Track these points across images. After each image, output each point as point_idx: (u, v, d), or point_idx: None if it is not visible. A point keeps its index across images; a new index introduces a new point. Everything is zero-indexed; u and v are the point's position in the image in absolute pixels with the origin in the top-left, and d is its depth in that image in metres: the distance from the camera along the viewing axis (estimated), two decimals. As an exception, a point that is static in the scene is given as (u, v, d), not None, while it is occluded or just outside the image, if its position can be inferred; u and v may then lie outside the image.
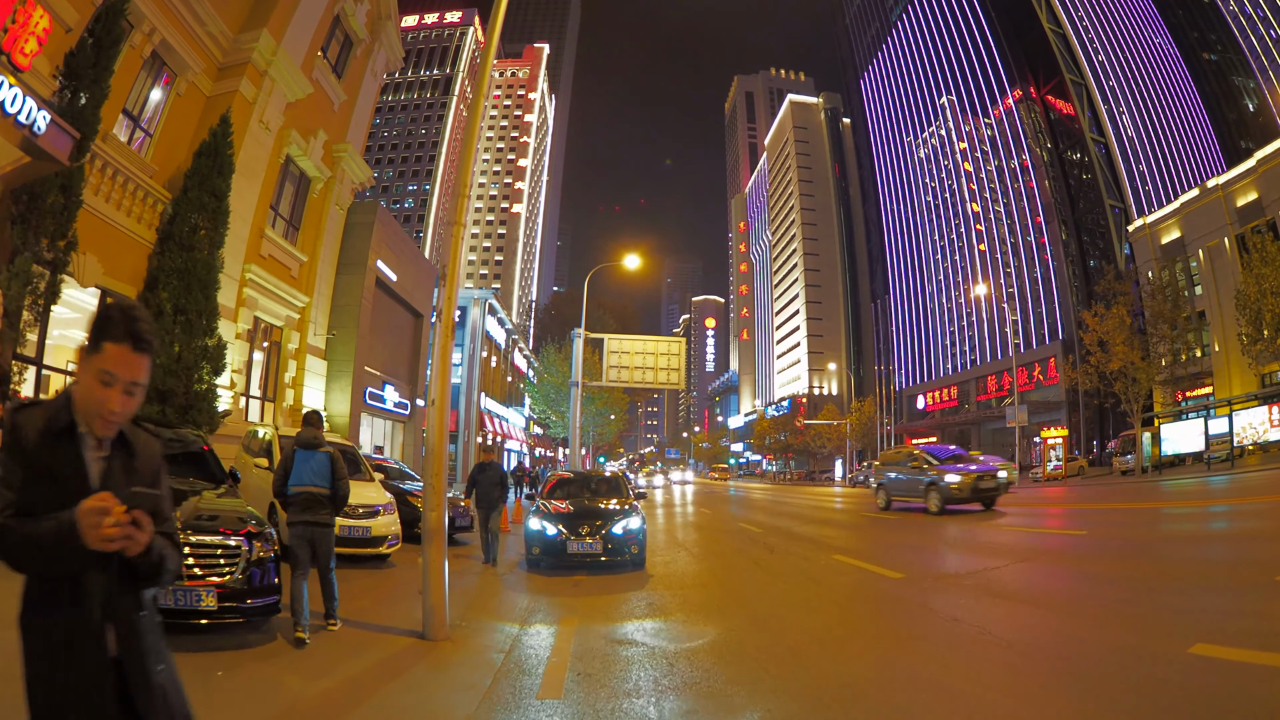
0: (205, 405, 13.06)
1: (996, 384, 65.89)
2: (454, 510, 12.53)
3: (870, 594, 8.13)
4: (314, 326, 19.60)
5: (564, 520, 9.73)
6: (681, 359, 30.83)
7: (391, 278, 22.67)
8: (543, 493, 11.44)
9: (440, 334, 6.33)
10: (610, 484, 12.03)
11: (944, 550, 11.63)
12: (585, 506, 10.40)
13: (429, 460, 6.19)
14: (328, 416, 19.79)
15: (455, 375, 33.44)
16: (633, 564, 9.84)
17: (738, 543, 13.77)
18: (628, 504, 10.49)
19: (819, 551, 11.77)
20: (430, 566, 6.04)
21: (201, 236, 14.24)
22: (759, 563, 10.85)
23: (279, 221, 19.29)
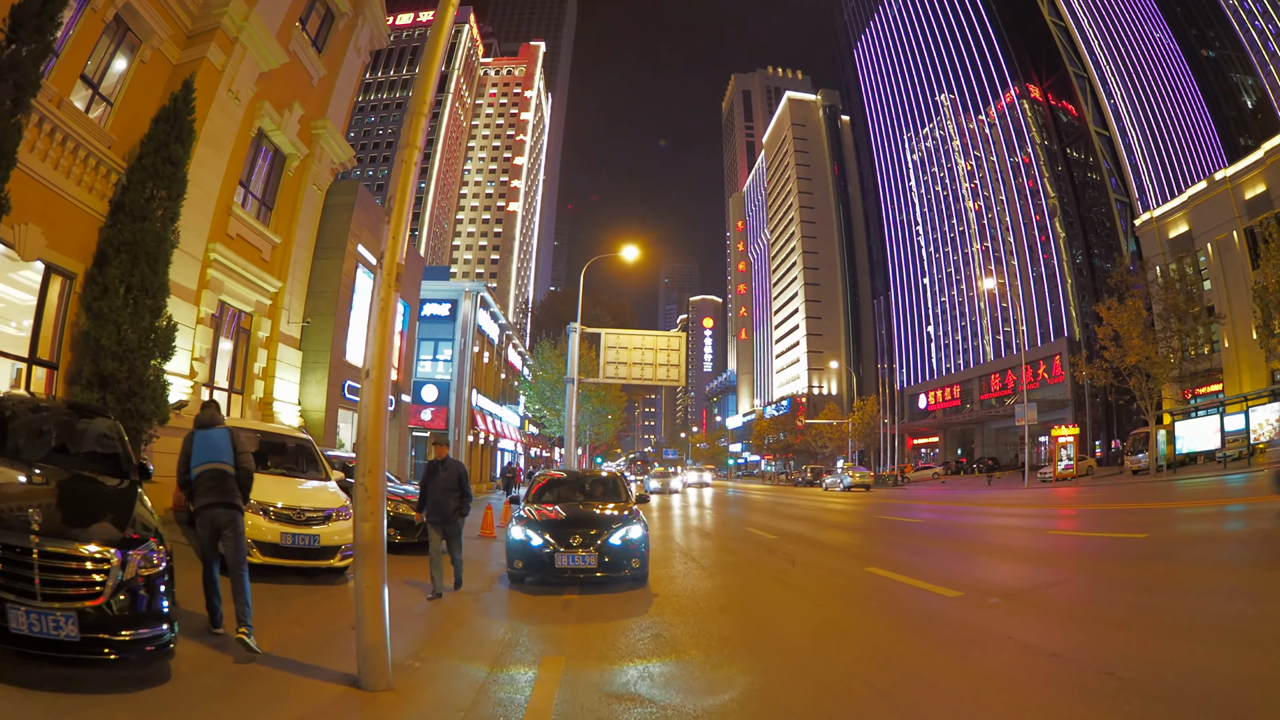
0: (153, 393, 11.67)
1: (1000, 382, 64.82)
2: None
3: (931, 620, 6.41)
4: (287, 314, 18.22)
5: (552, 528, 8.28)
6: (682, 354, 29.54)
7: (373, 263, 21.26)
8: (529, 496, 9.93)
9: (381, 286, 4.97)
10: (607, 486, 10.49)
11: (988, 559, 10.31)
12: (578, 512, 9.01)
13: (362, 450, 4.81)
14: (302, 411, 18.46)
15: (444, 370, 32.06)
16: (633, 580, 8.50)
17: (751, 552, 12.26)
18: (627, 509, 9.07)
19: (848, 562, 10.45)
20: (364, 594, 4.60)
21: (154, 206, 12.86)
22: (782, 578, 9.35)
23: (250, 200, 17.92)
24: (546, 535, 8.09)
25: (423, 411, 31.13)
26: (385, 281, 4.88)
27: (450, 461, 8.36)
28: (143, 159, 13.16)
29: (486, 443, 37.83)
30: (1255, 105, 66.65)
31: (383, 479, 4.73)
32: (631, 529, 8.36)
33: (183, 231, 14.67)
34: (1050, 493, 27.78)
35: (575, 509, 9.13)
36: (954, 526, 15.35)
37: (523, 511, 8.95)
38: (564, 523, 8.50)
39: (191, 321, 14.90)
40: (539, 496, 9.95)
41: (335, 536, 8.25)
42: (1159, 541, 10.42)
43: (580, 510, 9.09)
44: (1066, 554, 10.07)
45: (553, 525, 8.37)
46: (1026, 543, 11.63)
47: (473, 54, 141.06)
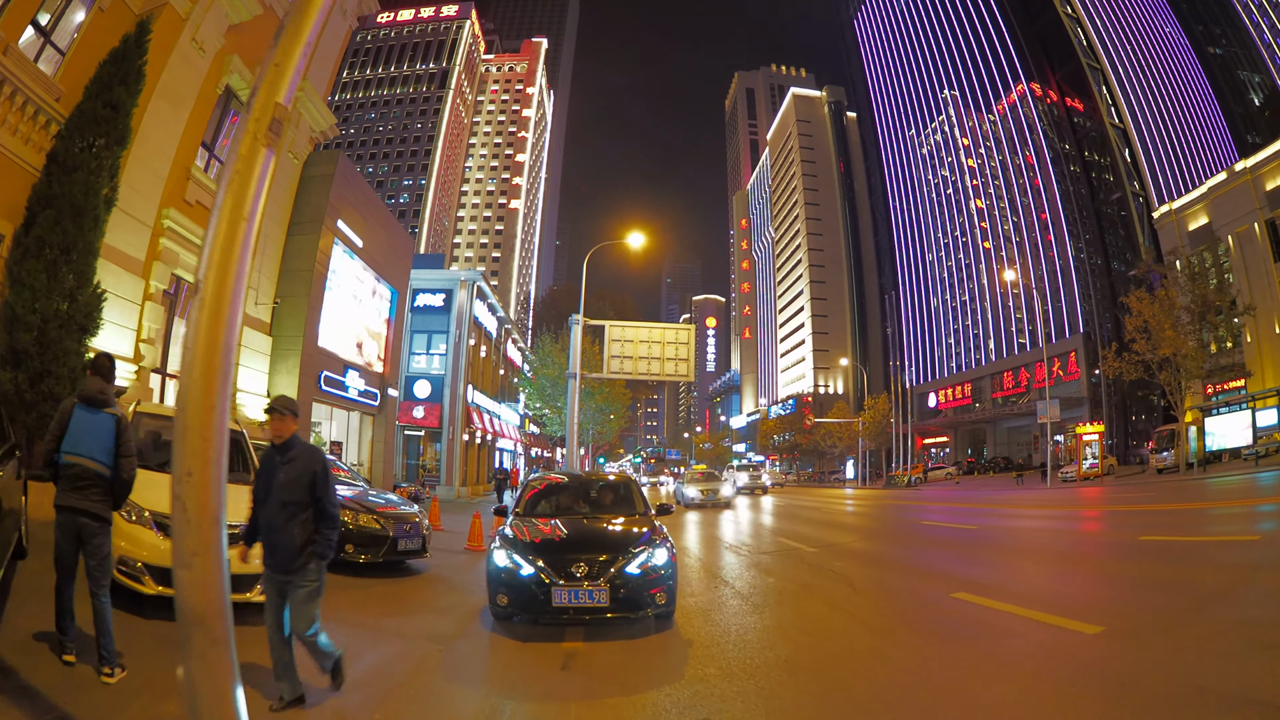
0: (72, 374, 9.87)
1: (1013, 380, 63.02)
2: (398, 528, 9.16)
3: (1107, 684, 4.29)
4: (254, 294, 16.44)
5: (548, 552, 6.11)
6: (691, 348, 27.82)
7: (356, 242, 19.52)
8: (518, 506, 7.56)
9: (244, 136, 3.06)
10: (618, 493, 8.10)
11: (1091, 575, 8.41)
12: (582, 529, 6.83)
13: (180, 429, 2.69)
14: (271, 402, 16.60)
15: (439, 365, 30.19)
16: (657, 622, 6.46)
17: (794, 569, 9.88)
18: (646, 525, 6.84)
19: (923, 583, 8.42)
20: (197, 698, 2.57)
21: (89, 157, 11.05)
22: (851, 611, 7.09)
23: (215, 165, 16.14)
24: (540, 562, 5.94)
25: (415, 408, 29.30)
26: (251, 130, 3.02)
27: (298, 449, 4.48)
28: (83, 104, 11.41)
29: (484, 442, 35.96)
30: (1264, 101, 65.84)
31: (216, 486, 2.69)
32: (655, 553, 6.18)
33: (129, 192, 13.00)
34: (1078, 493, 26.09)
35: (579, 525, 6.97)
36: (1017, 533, 13.47)
37: (509, 528, 6.74)
38: (564, 544, 6.37)
39: (138, 296, 13.18)
40: (532, 507, 7.61)
41: (252, 561, 6.25)
42: (1272, 543, 8.90)
43: (585, 526, 6.92)
44: (1180, 562, 8.25)
45: (549, 548, 6.21)
46: (1119, 551, 9.85)
47: (474, 50, 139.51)
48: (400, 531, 9.10)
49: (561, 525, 6.90)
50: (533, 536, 6.44)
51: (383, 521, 9.04)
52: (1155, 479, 30.24)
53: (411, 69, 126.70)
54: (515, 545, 6.21)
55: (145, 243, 13.41)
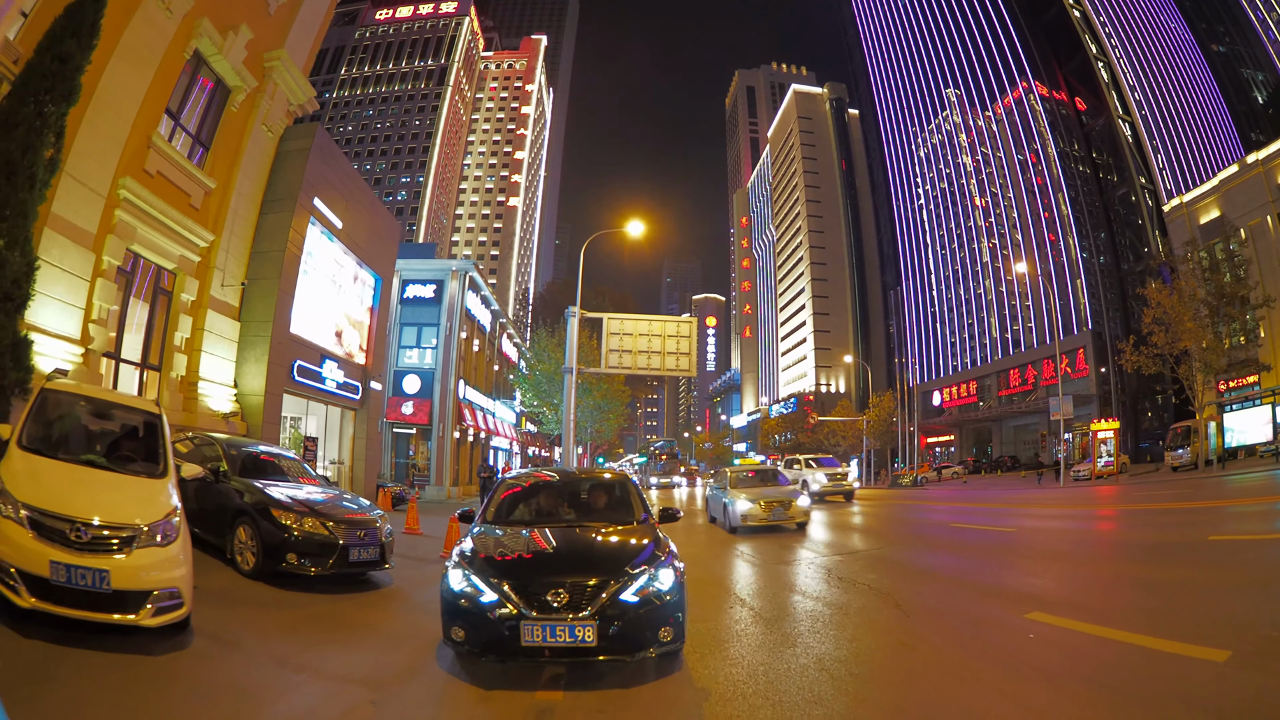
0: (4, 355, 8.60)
1: (1019, 378, 61.80)
2: (350, 535, 7.76)
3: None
4: (221, 275, 15.14)
5: (517, 573, 4.69)
6: (693, 341, 26.45)
7: (335, 223, 18.20)
8: (488, 511, 6.02)
9: None
10: (612, 494, 6.52)
11: (1196, 579, 7.05)
12: (564, 542, 5.28)
13: None
14: (238, 395, 15.34)
15: (428, 358, 28.84)
16: (660, 661, 4.99)
17: (821, 584, 8.27)
18: (647, 536, 5.34)
19: (983, 603, 6.89)
20: None
21: (32, 113, 9.75)
22: (911, 643, 5.48)
23: (180, 135, 14.97)
24: (506, 586, 4.48)
25: (404, 404, 27.99)
26: None
27: None
28: (31, 60, 10.15)
29: (476, 439, 34.54)
30: (1268, 99, 65.21)
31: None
32: (659, 574, 4.72)
33: (81, 158, 11.85)
34: (1096, 491, 24.89)
35: (561, 536, 5.39)
36: (1058, 535, 12.10)
37: (470, 540, 5.22)
38: (539, 562, 4.95)
39: (87, 272, 11.96)
40: (504, 513, 6.08)
41: (142, 574, 4.91)
42: None
43: (569, 539, 5.35)
44: (1272, 564, 6.97)
45: (519, 568, 4.80)
46: (1191, 555, 8.53)
47: (473, 47, 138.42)
48: (353, 539, 7.73)
49: (539, 537, 5.38)
50: (499, 552, 5.00)
51: (331, 527, 7.68)
52: (1171, 477, 29.14)
53: (410, 66, 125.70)
54: (475, 564, 4.76)
55: (98, 214, 12.25)
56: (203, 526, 8.55)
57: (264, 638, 5.69)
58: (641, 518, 6.00)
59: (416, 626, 6.21)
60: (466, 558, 4.89)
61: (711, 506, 17.99)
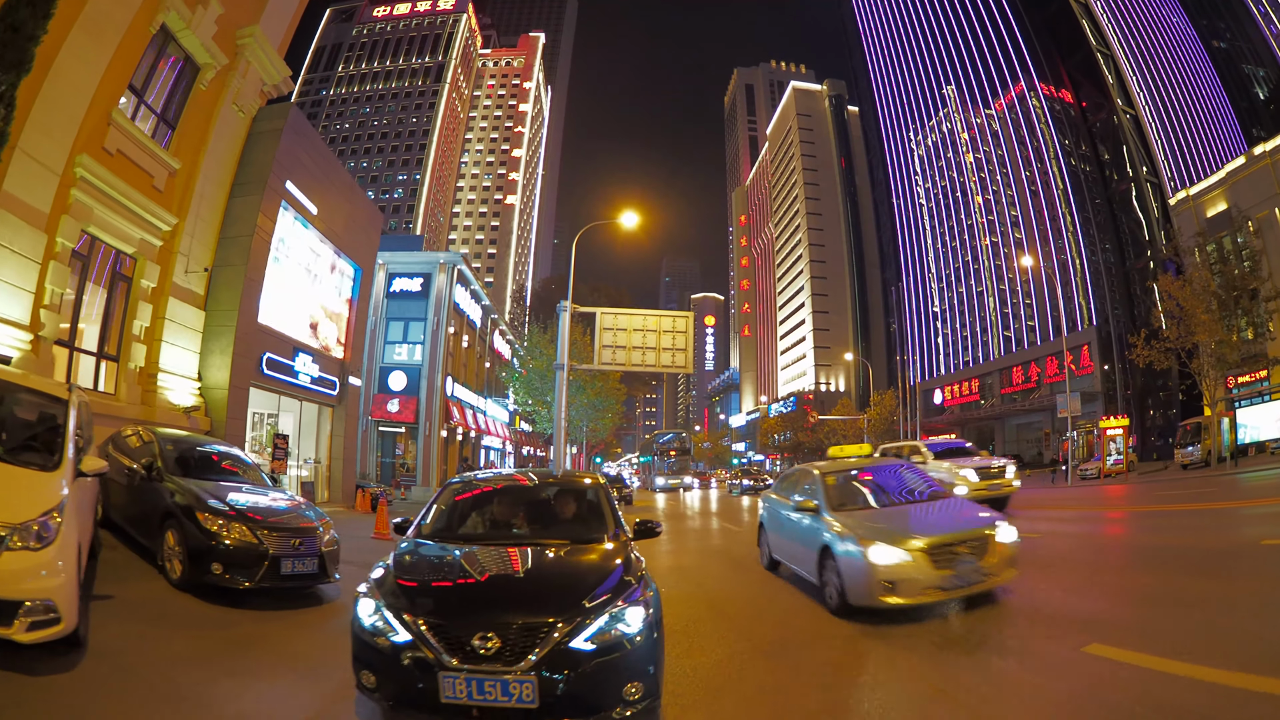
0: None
1: (1023, 375, 60.94)
2: (282, 545, 6.83)
3: None
4: (185, 260, 14.25)
5: (439, 608, 3.68)
6: (689, 337, 25.64)
7: (310, 209, 17.28)
8: (425, 521, 5.01)
9: None
10: (579, 504, 5.40)
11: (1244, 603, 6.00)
12: (507, 566, 4.21)
13: None
14: (203, 388, 14.44)
15: (414, 353, 27.91)
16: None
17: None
18: (616, 557, 4.34)
19: (1026, 626, 5.75)
20: None
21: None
22: (948, 691, 4.39)
23: (144, 113, 14.15)
24: (423, 625, 3.49)
25: (389, 402, 27.08)
26: None
27: None
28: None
29: (466, 438, 33.57)
30: (1269, 95, 64.70)
31: None
32: (625, 614, 3.66)
33: (35, 134, 11.13)
34: (1106, 491, 23.98)
35: (504, 557, 4.28)
36: (1085, 541, 10.90)
37: (392, 560, 4.23)
38: (468, 593, 3.88)
39: (39, 254, 11.19)
40: (445, 524, 5.00)
41: (9, 582, 4.01)
42: None
43: (514, 561, 4.23)
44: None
45: (442, 600, 3.75)
46: (1252, 563, 7.62)
47: (470, 45, 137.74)
48: (285, 549, 6.79)
49: (476, 558, 4.23)
50: (421, 578, 4.00)
51: (261, 535, 6.74)
52: (1182, 475, 28.32)
53: (407, 63, 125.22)
54: (389, 592, 3.76)
55: (51, 193, 11.48)
56: (137, 529, 7.73)
57: (168, 663, 4.82)
58: (612, 532, 4.88)
59: (348, 656, 5.22)
60: (380, 584, 3.89)
61: (777, 540, 9.37)
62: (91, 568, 6.71)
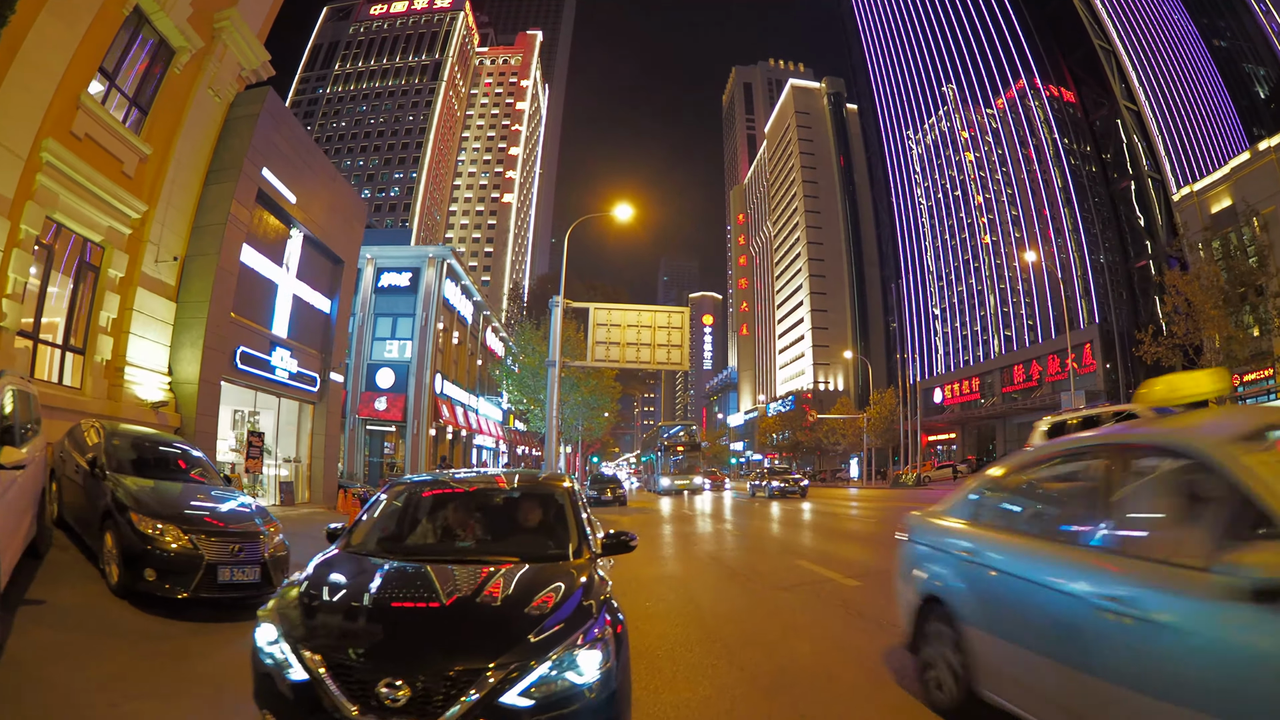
0: None
1: (1024, 374, 60.36)
2: (220, 551, 6.15)
3: None
4: (155, 249, 13.64)
5: (340, 644, 2.86)
6: (685, 333, 25.10)
7: (289, 198, 16.63)
8: (356, 530, 4.18)
9: None
10: (538, 511, 4.48)
11: None
12: (434, 591, 3.31)
13: None
14: (173, 383, 13.80)
15: (403, 350, 27.27)
16: None
17: (854, 634, 5.88)
18: (573, 584, 3.37)
19: None
20: None
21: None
22: None
23: (116, 98, 13.56)
24: (323, 668, 2.73)
25: (376, 400, 26.45)
26: None
27: None
28: None
29: (456, 437, 32.90)
30: (1270, 94, 64.38)
31: None
32: (578, 659, 2.87)
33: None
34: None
35: (435, 580, 3.43)
36: None
37: (305, 577, 3.46)
38: (382, 627, 3.03)
39: (0, 240, 10.57)
40: (378, 534, 4.15)
41: None
42: None
43: (447, 585, 3.39)
44: None
45: (349, 634, 2.96)
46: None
47: (468, 43, 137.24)
48: (223, 556, 6.12)
49: (402, 579, 3.44)
50: (332, 601, 3.21)
51: (196, 539, 6.08)
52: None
53: (404, 61, 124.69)
54: (292, 619, 3.02)
55: (15, 178, 10.94)
56: (84, 529, 7.18)
57: (80, 678, 4.35)
58: (575, 548, 3.98)
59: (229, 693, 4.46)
60: (285, 608, 3.12)
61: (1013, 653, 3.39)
62: (31, 570, 6.28)
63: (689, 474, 42.95)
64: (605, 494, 27.64)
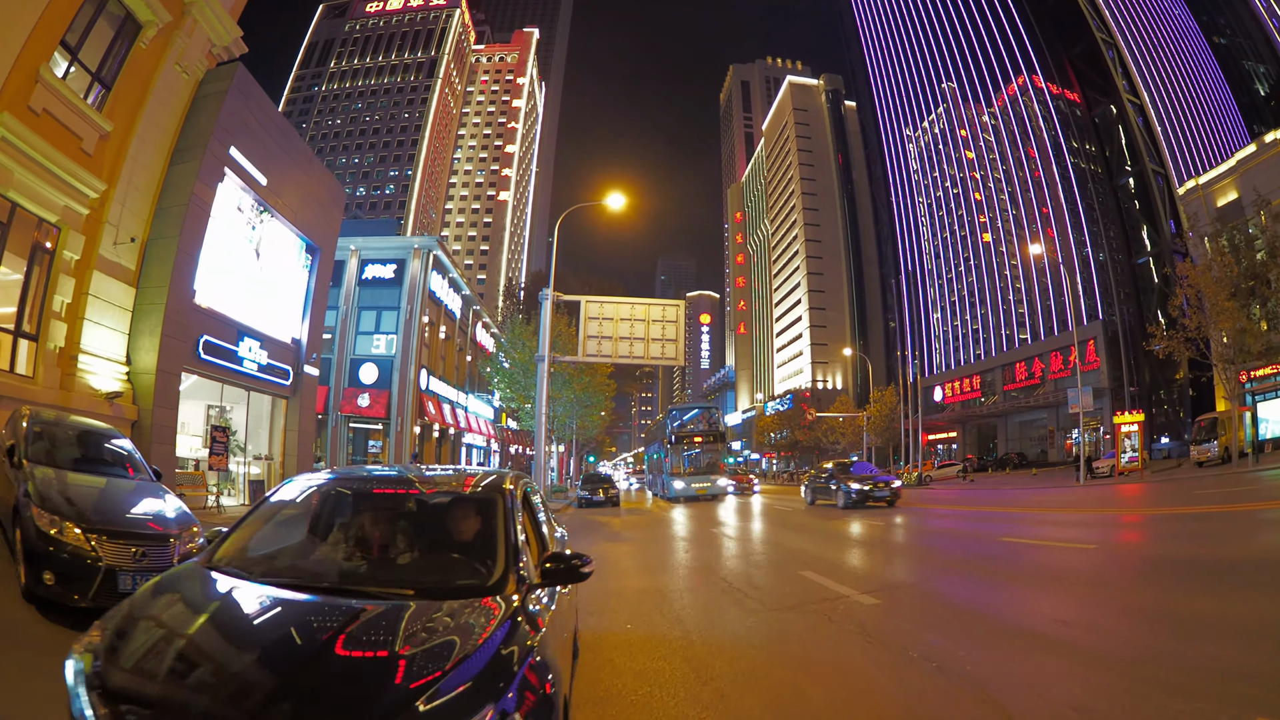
0: None
1: (1026, 371, 59.57)
2: (120, 555, 5.33)
3: None
4: (114, 231, 12.82)
5: (158, 704, 1.95)
6: (680, 327, 24.26)
7: (258, 179, 15.77)
8: (225, 542, 3.14)
9: None
10: (457, 524, 3.24)
11: None
12: (287, 637, 2.34)
13: None
14: (131, 373, 12.95)
15: (387, 345, 26.38)
16: None
17: (869, 665, 4.76)
18: (486, 625, 2.44)
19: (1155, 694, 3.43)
20: None
21: None
22: None
23: (77, 71, 12.83)
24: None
25: (359, 396, 25.54)
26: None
27: None
28: None
29: (444, 436, 31.96)
30: (1270, 91, 63.88)
31: None
32: None
33: None
34: (1123, 491, 22.60)
35: (294, 618, 2.44)
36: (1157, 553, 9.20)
37: (129, 607, 2.47)
38: (208, 684, 2.03)
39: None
40: (250, 548, 3.12)
41: None
42: None
43: (312, 623, 2.40)
44: None
45: (168, 690, 1.99)
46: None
47: (463, 40, 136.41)
48: (124, 561, 5.33)
49: (257, 615, 2.52)
50: (150, 644, 2.24)
51: (95, 541, 5.29)
52: (1198, 473, 27.04)
53: (399, 58, 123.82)
54: (102, 661, 2.13)
55: None
56: (7, 523, 6.43)
57: None
58: (500, 576, 2.87)
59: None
60: (100, 640, 2.27)
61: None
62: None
63: (710, 473, 33.40)
64: (598, 494, 26.60)
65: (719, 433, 36.18)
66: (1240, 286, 28.21)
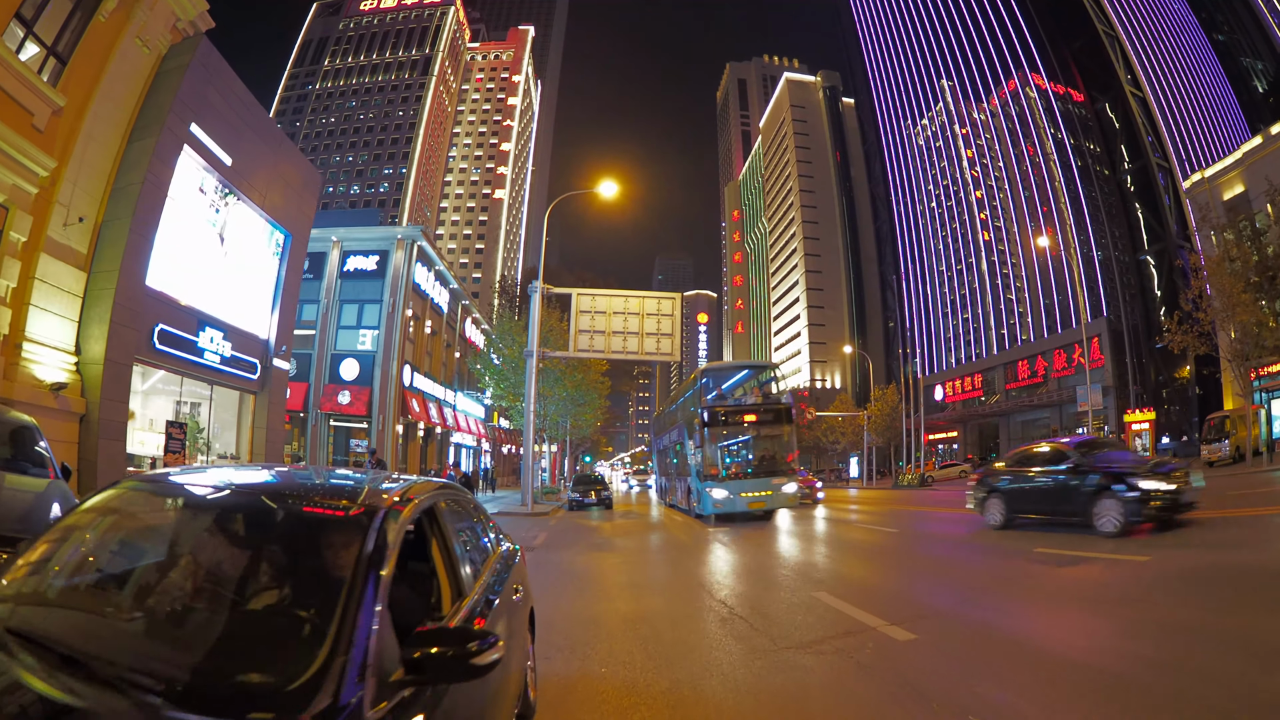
0: None
1: (1028, 370, 58.72)
2: None
3: None
4: (65, 212, 11.89)
5: None
6: (676, 322, 23.31)
7: (223, 159, 14.83)
8: (15, 561, 2.06)
9: None
10: (290, 558, 2.11)
11: None
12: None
13: None
14: (81, 362, 12.02)
15: (369, 340, 25.39)
16: None
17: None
18: None
19: None
20: None
21: None
22: None
23: (31, 45, 11.96)
24: None
25: (339, 393, 24.53)
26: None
27: None
28: None
29: (430, 435, 30.91)
30: (1269, 87, 63.40)
31: None
32: None
33: None
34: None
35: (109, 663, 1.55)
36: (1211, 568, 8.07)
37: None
38: None
39: None
40: (36, 571, 2.05)
41: None
42: None
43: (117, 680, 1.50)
44: None
45: None
46: None
47: (458, 38, 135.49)
48: None
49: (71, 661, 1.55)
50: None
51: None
52: (1210, 473, 26.03)
53: (394, 56, 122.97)
54: None
55: None
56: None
57: None
58: (311, 676, 1.60)
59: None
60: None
61: None
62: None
63: (770, 473, 19.17)
64: (589, 496, 25.37)
65: (783, 406, 20.80)
66: (1253, 280, 27.44)
